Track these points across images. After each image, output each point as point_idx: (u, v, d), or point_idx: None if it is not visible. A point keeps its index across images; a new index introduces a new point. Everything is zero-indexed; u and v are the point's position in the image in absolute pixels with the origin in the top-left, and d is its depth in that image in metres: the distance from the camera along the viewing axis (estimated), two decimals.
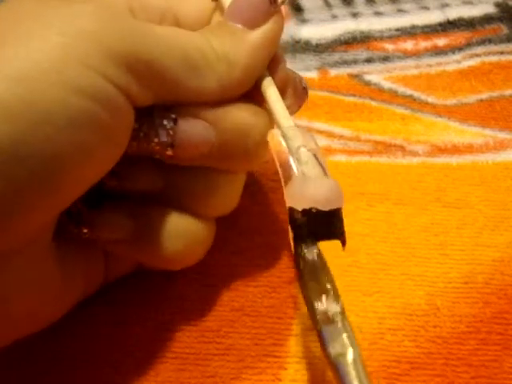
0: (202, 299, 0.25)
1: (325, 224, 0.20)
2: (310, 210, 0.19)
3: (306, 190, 0.19)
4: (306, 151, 0.20)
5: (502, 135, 0.31)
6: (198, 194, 0.22)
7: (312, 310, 0.19)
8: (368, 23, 0.37)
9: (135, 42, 0.18)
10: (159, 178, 0.22)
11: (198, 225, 0.22)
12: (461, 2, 0.38)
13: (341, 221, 0.20)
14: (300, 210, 0.19)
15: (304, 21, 0.38)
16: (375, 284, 0.25)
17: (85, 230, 0.21)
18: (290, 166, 0.20)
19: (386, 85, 0.34)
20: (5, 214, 0.16)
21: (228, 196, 0.23)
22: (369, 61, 0.35)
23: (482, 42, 0.36)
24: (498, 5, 0.38)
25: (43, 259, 0.20)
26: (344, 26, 0.37)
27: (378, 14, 0.38)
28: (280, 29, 0.22)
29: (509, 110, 0.32)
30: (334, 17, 0.38)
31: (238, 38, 0.21)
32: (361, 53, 0.35)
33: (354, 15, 0.38)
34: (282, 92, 0.22)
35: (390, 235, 0.27)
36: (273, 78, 0.22)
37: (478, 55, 0.35)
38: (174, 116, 0.20)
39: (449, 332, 0.23)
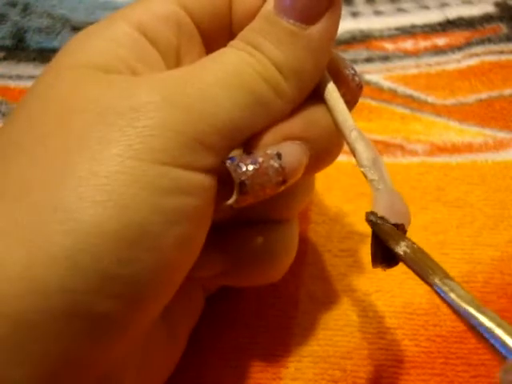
0: (202, 299, 0.25)
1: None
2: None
3: (395, 206, 0.19)
4: (383, 164, 0.19)
5: (502, 135, 0.31)
6: (283, 202, 0.21)
7: None
8: (368, 22, 0.37)
9: (201, 117, 0.17)
10: None
11: (289, 230, 0.22)
12: (461, 1, 0.38)
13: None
14: (393, 222, 0.18)
15: None
16: (375, 283, 0.25)
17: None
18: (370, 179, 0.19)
19: (386, 84, 0.34)
20: (120, 332, 0.16)
21: (308, 194, 0.23)
22: (368, 60, 0.35)
23: (482, 42, 0.36)
24: (497, 4, 0.38)
25: (153, 334, 0.19)
26: (344, 25, 0.37)
27: (377, 13, 0.38)
28: (338, 21, 0.19)
29: (508, 109, 0.32)
30: None
31: (298, 40, 0.18)
32: (361, 52, 0.35)
33: (354, 14, 0.38)
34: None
35: None
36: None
37: (477, 55, 0.35)
38: (276, 151, 0.18)
39: (449, 331, 0.24)
